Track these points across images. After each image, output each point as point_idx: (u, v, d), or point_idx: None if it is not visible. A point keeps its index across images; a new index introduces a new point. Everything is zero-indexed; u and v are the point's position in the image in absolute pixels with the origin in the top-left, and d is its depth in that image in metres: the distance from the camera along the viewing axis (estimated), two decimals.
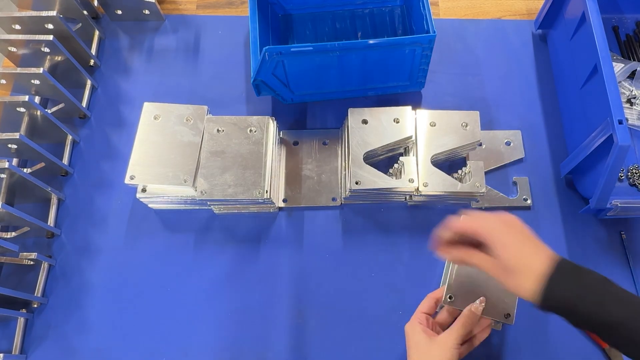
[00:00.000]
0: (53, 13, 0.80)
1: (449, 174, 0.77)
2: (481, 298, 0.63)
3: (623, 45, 0.93)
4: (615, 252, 0.79)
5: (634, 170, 0.83)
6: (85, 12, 0.90)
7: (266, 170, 0.75)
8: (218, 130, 0.78)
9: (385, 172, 0.77)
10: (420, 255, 0.78)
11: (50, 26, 0.83)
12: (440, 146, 0.78)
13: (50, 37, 0.79)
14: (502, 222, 0.55)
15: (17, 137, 0.72)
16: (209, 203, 0.78)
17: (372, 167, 0.76)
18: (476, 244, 0.56)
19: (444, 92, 0.91)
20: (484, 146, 0.85)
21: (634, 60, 0.90)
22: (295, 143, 0.86)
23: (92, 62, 0.92)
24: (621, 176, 0.83)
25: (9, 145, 0.74)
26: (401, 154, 0.82)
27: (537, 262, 0.51)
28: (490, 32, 0.97)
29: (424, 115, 0.80)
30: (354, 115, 0.79)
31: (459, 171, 0.79)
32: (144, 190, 0.76)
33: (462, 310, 0.62)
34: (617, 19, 0.96)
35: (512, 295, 0.64)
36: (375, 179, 0.75)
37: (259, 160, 0.75)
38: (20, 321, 0.74)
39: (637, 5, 0.95)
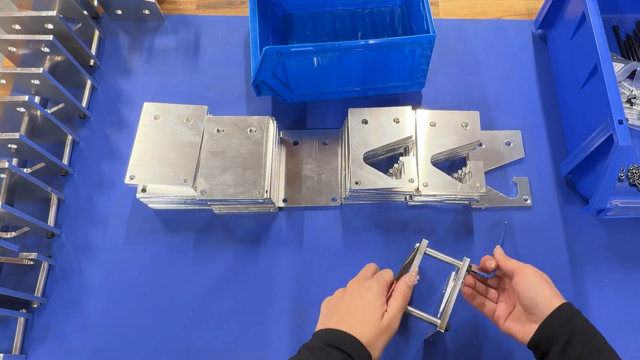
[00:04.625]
0: (53, 13, 0.80)
1: (449, 174, 0.77)
2: (415, 270, 0.65)
3: (623, 45, 0.93)
4: (615, 252, 0.79)
5: (634, 170, 0.83)
6: (85, 12, 0.90)
7: (266, 170, 0.75)
8: (218, 130, 0.78)
9: (385, 172, 0.77)
10: None
11: (50, 26, 0.83)
12: (440, 146, 0.78)
13: (50, 37, 0.79)
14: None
15: (17, 137, 0.72)
16: (209, 203, 0.78)
17: (372, 167, 0.76)
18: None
19: (444, 92, 0.91)
20: (484, 146, 0.85)
21: (634, 60, 0.90)
22: (295, 143, 0.86)
23: (92, 62, 0.92)
24: (621, 176, 0.83)
25: (9, 145, 0.74)
26: (401, 154, 0.82)
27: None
28: (490, 32, 0.97)
29: (424, 115, 0.80)
30: (354, 115, 0.79)
31: (459, 171, 0.79)
32: (144, 190, 0.76)
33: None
34: (617, 19, 0.96)
35: None
36: (375, 179, 0.75)
37: (259, 160, 0.75)
38: (20, 321, 0.74)
39: (637, 5, 0.95)
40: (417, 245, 0.67)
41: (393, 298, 0.61)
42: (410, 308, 0.64)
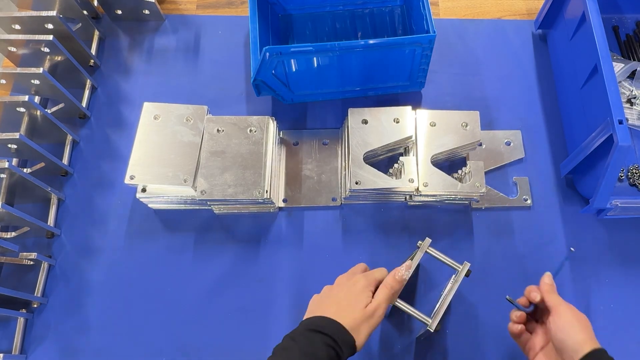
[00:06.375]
0: (53, 13, 0.80)
1: (449, 174, 0.77)
2: (407, 264, 0.65)
3: (623, 45, 0.93)
4: (615, 252, 0.79)
5: (634, 170, 0.83)
6: (85, 12, 0.90)
7: (266, 170, 0.75)
8: (218, 130, 0.78)
9: (385, 172, 0.77)
10: None
11: (50, 26, 0.83)
12: (440, 146, 0.78)
13: (50, 37, 0.79)
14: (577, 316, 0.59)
15: (17, 137, 0.72)
16: (209, 203, 0.78)
17: (372, 167, 0.76)
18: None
19: (444, 92, 0.91)
20: (484, 146, 0.85)
21: (634, 60, 0.90)
22: (295, 143, 0.86)
23: (92, 62, 0.92)
24: (621, 176, 0.83)
25: (9, 145, 0.74)
26: (401, 154, 0.82)
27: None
28: (490, 32, 0.97)
29: (424, 115, 0.80)
30: (354, 115, 0.79)
31: (459, 171, 0.79)
32: (144, 190, 0.76)
33: None
34: (617, 19, 0.96)
35: None
36: (375, 179, 0.75)
37: (259, 160, 0.76)
38: (20, 321, 0.74)
39: (637, 5, 0.95)
40: (420, 242, 0.67)
41: (379, 289, 0.62)
42: (402, 304, 0.64)
